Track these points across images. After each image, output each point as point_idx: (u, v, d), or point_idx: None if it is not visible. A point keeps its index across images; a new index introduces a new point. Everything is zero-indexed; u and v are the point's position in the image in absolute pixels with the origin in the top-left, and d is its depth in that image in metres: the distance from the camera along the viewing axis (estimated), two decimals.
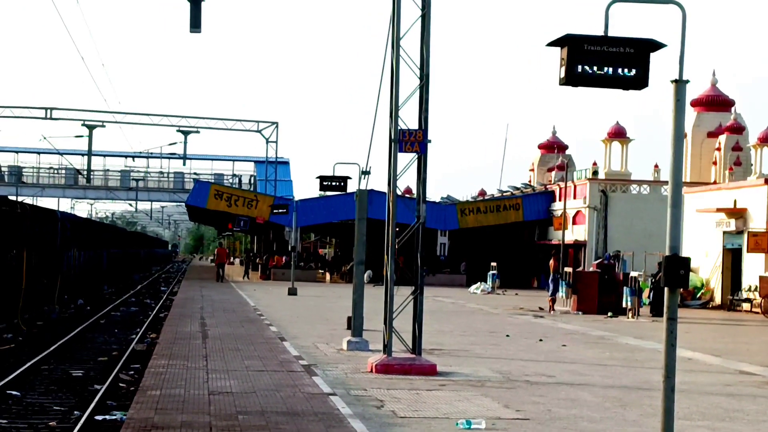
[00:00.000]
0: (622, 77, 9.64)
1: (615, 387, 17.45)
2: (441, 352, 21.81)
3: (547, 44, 9.77)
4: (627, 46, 9.58)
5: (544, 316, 37.07)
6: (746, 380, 19.14)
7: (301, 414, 13.57)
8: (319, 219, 67.89)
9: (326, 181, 32.47)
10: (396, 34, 18.02)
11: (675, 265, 9.84)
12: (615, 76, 9.62)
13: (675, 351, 10.11)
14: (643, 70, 9.64)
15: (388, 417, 13.67)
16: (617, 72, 9.60)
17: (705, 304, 47.26)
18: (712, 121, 67.67)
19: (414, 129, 18.05)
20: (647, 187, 63.17)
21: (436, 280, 63.23)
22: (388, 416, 13.73)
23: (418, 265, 18.32)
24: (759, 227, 44.59)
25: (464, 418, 13.48)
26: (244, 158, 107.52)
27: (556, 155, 75.25)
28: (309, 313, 34.29)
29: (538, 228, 69.70)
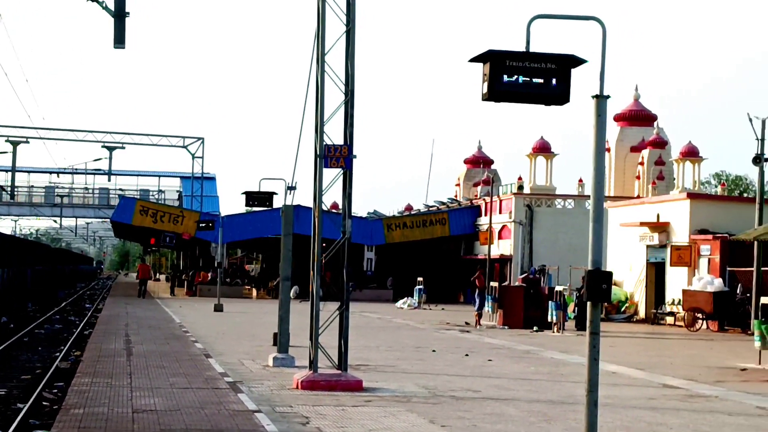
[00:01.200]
0: (544, 93, 9.69)
1: (540, 401, 17.51)
2: (367, 368, 21.75)
3: (470, 60, 9.79)
4: (548, 61, 9.63)
5: (470, 330, 37.17)
6: (670, 394, 19.32)
7: (226, 431, 13.46)
8: (245, 235, 67.60)
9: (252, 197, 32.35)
10: (321, 49, 17.99)
11: (597, 280, 9.89)
12: (537, 92, 9.67)
13: (598, 365, 10.15)
14: (565, 85, 9.70)
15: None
16: (539, 87, 9.65)
17: (629, 317, 47.72)
18: (635, 136, 68.52)
19: (339, 144, 18.02)
20: (572, 201, 63.72)
21: (362, 295, 63.24)
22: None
23: (344, 280, 18.27)
24: (682, 241, 45.13)
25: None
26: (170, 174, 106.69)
27: (481, 170, 75.67)
28: (235, 329, 34.07)
29: (465, 243, 69.99)
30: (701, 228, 44.71)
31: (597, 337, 10.09)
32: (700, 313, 41.27)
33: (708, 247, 43.74)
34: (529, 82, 9.62)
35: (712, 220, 44.89)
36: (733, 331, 40.45)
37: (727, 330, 40.83)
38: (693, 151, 64.79)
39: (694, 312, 41.44)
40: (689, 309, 41.76)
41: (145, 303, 54.29)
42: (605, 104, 9.88)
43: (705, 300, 41.01)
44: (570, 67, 9.70)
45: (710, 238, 43.73)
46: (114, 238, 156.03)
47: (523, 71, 9.62)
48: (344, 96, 18.02)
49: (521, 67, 9.62)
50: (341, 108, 18.06)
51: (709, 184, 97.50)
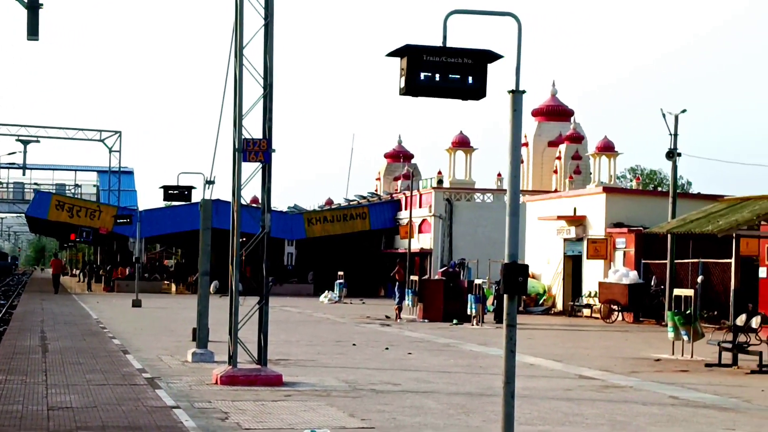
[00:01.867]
0: (461, 88, 9.75)
1: (459, 394, 17.64)
2: (287, 363, 21.73)
3: (387, 54, 9.82)
4: (465, 56, 9.69)
5: (390, 324, 37.28)
6: (586, 384, 19.57)
7: (143, 428, 13.36)
8: (164, 229, 67.11)
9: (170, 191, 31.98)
10: (239, 42, 17.92)
11: (514, 273, 9.99)
12: (454, 87, 9.73)
13: (514, 357, 10.26)
14: (481, 80, 9.77)
15: (233, 429, 13.55)
16: (456, 82, 9.71)
17: (547, 310, 48.22)
18: (553, 131, 69.22)
19: (258, 138, 17.97)
20: (491, 195, 64.17)
21: (283, 290, 63.13)
22: (233, 428, 13.61)
23: (263, 275, 18.23)
24: (598, 234, 45.68)
25: (309, 428, 13.46)
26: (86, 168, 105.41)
27: (401, 164, 75.90)
28: (153, 325, 33.81)
29: (385, 237, 70.17)
30: (617, 221, 45.30)
31: (514, 330, 10.20)
32: (616, 305, 41.84)
33: (623, 240, 44.34)
34: (446, 76, 9.67)
35: (627, 213, 45.51)
36: (647, 322, 41.06)
37: (642, 321, 41.44)
38: (609, 145, 65.58)
39: (610, 304, 42.01)
40: (605, 301, 42.32)
41: (61, 299, 53.64)
42: (521, 99, 9.97)
43: (620, 292, 41.59)
44: (486, 62, 9.77)
45: (625, 232, 44.33)
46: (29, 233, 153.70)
47: (440, 66, 9.67)
48: (263, 90, 17.98)
49: (438, 62, 9.67)
50: (260, 102, 18.02)
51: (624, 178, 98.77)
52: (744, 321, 24.23)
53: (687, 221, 24.83)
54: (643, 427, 14.54)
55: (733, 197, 27.02)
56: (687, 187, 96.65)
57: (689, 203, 41.28)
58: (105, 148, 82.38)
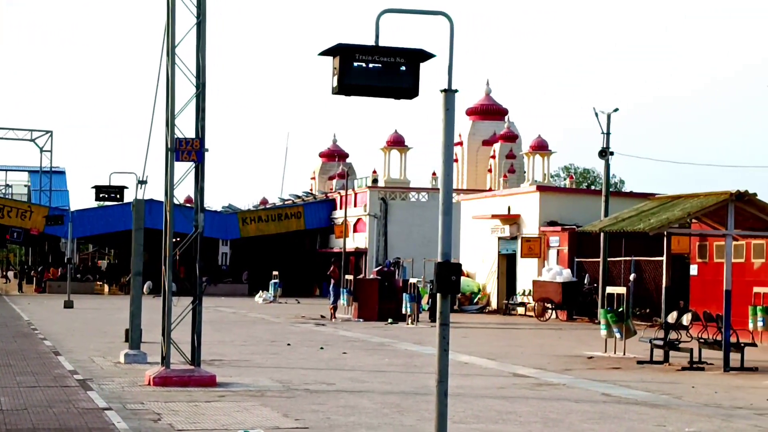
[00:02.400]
0: (394, 87, 9.74)
1: (393, 393, 17.64)
2: (221, 363, 21.61)
3: (320, 53, 9.79)
4: (397, 56, 9.68)
5: (325, 324, 37.23)
6: (519, 383, 19.67)
7: (75, 430, 13.22)
8: (96, 230, 66.49)
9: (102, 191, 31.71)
10: (171, 41, 17.78)
11: (446, 272, 10.00)
12: (386, 86, 9.71)
13: (448, 356, 10.27)
14: (414, 79, 9.77)
15: (165, 430, 13.45)
16: (389, 81, 9.70)
17: (482, 308, 48.44)
18: (487, 130, 69.51)
19: (191, 138, 17.84)
20: (426, 194, 64.31)
21: (218, 290, 62.83)
22: (165, 430, 13.50)
23: (196, 275, 18.11)
24: (532, 233, 45.97)
25: (243, 428, 13.39)
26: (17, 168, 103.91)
27: (336, 163, 75.85)
28: (86, 326, 33.48)
29: (320, 236, 70.09)
30: (550, 220, 45.63)
31: (447, 329, 10.21)
32: (550, 303, 42.15)
33: (557, 239, 44.65)
34: (379, 76, 9.66)
35: (560, 212, 45.84)
36: (581, 320, 41.40)
37: (575, 319, 41.78)
38: (542, 144, 66.00)
39: (544, 302, 42.30)
40: (539, 299, 42.60)
41: None
42: (454, 98, 9.98)
43: (554, 290, 41.88)
44: (419, 62, 9.77)
45: (559, 230, 44.65)
46: None
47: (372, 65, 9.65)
48: (196, 89, 17.86)
49: (371, 61, 9.66)
50: (192, 101, 17.90)
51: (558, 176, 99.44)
52: (675, 318, 24.51)
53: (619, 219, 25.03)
54: (576, 424, 14.64)
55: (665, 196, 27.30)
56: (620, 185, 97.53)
57: (622, 202, 41.63)
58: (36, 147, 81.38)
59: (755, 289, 30.61)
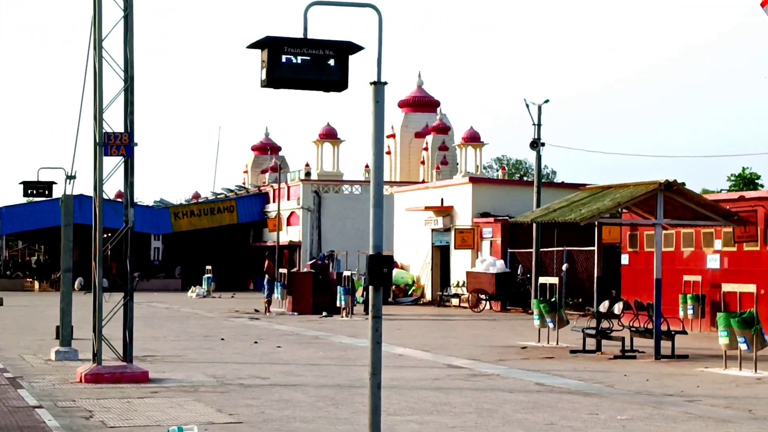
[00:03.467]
0: (323, 80, 9.70)
1: (328, 386, 17.63)
2: (154, 359, 21.45)
3: (248, 46, 9.72)
4: (326, 48, 9.64)
5: (259, 318, 37.12)
6: (454, 374, 19.74)
7: (5, 428, 13.02)
8: (26, 226, 65.75)
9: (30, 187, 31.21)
10: (98, 35, 17.57)
11: (378, 264, 9.99)
12: (316, 79, 9.67)
13: (380, 348, 10.26)
14: (343, 72, 9.74)
15: (98, 428, 13.31)
16: (318, 74, 9.66)
17: (416, 300, 48.57)
18: (420, 122, 69.71)
19: (120, 132, 17.66)
20: (359, 187, 64.34)
21: (150, 285, 62.39)
22: (98, 427, 13.36)
23: (127, 270, 17.95)
24: (465, 224, 46.16)
25: (176, 424, 13.26)
26: None
27: (269, 157, 75.63)
28: (15, 323, 33.06)
29: (253, 230, 69.85)
30: (483, 211, 45.85)
31: (379, 321, 10.20)
32: (484, 294, 42.35)
33: (490, 230, 44.88)
34: (308, 68, 9.62)
35: (493, 203, 46.09)
36: (515, 310, 41.66)
37: (509, 310, 42.03)
38: (475, 136, 66.33)
39: (478, 293, 42.50)
40: (473, 290, 42.79)
41: None
42: (383, 90, 9.96)
43: (488, 281, 42.10)
44: (348, 54, 9.74)
45: (492, 221, 44.88)
46: None
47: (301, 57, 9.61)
48: (124, 83, 17.68)
49: (299, 54, 9.61)
50: (121, 95, 17.72)
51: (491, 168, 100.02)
52: (607, 307, 24.73)
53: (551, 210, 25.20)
54: (510, 414, 14.72)
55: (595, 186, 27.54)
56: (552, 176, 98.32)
57: (554, 192, 41.96)
58: None
59: (685, 278, 31.01)
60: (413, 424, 13.81)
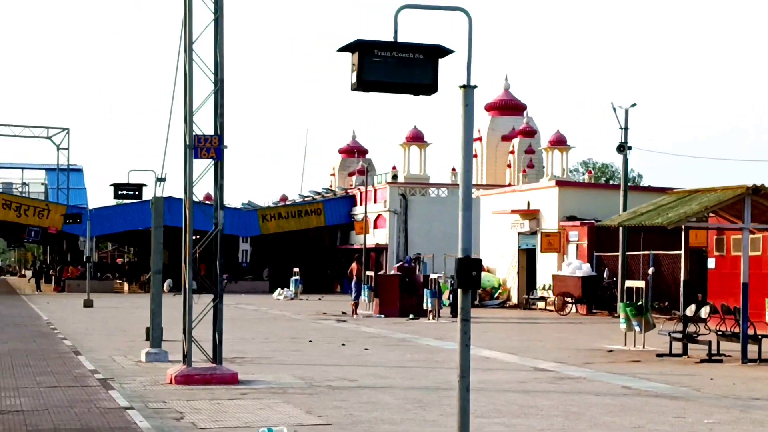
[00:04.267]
0: (413, 83, 9.71)
1: (416, 388, 17.64)
2: (243, 360, 21.63)
3: (338, 49, 9.77)
4: (416, 51, 9.66)
5: (347, 320, 37.25)
6: (541, 376, 19.64)
7: (97, 430, 13.23)
8: (115, 228, 66.64)
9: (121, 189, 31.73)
10: (189, 38, 17.78)
11: (467, 267, 9.97)
12: (405, 82, 9.69)
13: (469, 351, 10.25)
14: (433, 75, 9.74)
15: (188, 429, 13.46)
16: (407, 77, 9.68)
17: (502, 303, 48.40)
18: (506, 125, 69.49)
19: (210, 135, 17.84)
20: (445, 190, 64.30)
21: (238, 287, 62.92)
22: (188, 428, 13.52)
23: (216, 272, 18.12)
24: (551, 228, 45.91)
25: (266, 426, 13.39)
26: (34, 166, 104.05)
27: (356, 159, 75.87)
28: (106, 325, 33.53)
29: (340, 232, 70.11)
30: (570, 215, 45.57)
31: (468, 324, 10.19)
32: (570, 298, 42.09)
33: (576, 234, 44.59)
34: (398, 72, 9.64)
35: (579, 206, 45.78)
36: (600, 314, 41.34)
37: (595, 313, 41.72)
38: (561, 139, 65.94)
39: (564, 296, 42.25)
40: (559, 294, 42.56)
41: (9, 300, 53.13)
42: (473, 94, 9.95)
43: (574, 285, 41.83)
44: (438, 57, 9.75)
45: (578, 225, 44.59)
46: None
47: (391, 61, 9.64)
48: (214, 85, 17.85)
49: (390, 57, 9.64)
50: (211, 97, 17.89)
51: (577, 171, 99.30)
52: (693, 311, 24.44)
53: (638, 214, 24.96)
54: (597, 417, 14.62)
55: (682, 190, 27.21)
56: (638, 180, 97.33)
57: (640, 196, 41.56)
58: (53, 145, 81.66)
59: None
60: (500, 427, 13.77)
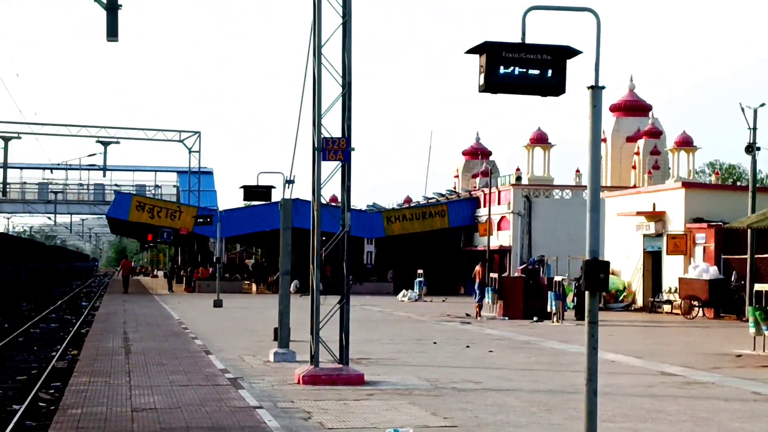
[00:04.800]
0: (540, 84, 9.72)
1: (541, 391, 17.56)
2: (369, 361, 21.78)
3: (466, 51, 9.82)
4: (544, 53, 9.66)
5: (470, 322, 37.23)
6: (667, 381, 19.38)
7: (227, 428, 13.48)
8: (244, 229, 67.57)
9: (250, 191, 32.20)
10: (317, 41, 17.99)
11: (595, 269, 9.93)
12: (533, 83, 9.70)
13: (597, 354, 10.20)
14: (561, 76, 9.74)
15: (316, 428, 13.63)
16: (535, 78, 9.68)
17: (627, 306, 47.81)
18: (631, 126, 68.62)
19: (337, 137, 18.02)
20: (569, 191, 63.80)
21: (363, 288, 63.27)
22: (316, 428, 13.68)
23: (344, 273, 18.29)
24: (677, 230, 45.21)
25: (392, 427, 13.49)
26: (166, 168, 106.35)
27: (480, 161, 75.70)
28: (235, 325, 34.07)
29: (464, 234, 70.04)
30: (696, 216, 44.81)
31: (595, 327, 10.14)
32: (697, 301, 41.38)
33: (703, 236, 43.83)
34: (525, 73, 9.66)
35: (706, 208, 44.98)
36: (728, 317, 40.54)
37: (722, 317, 40.94)
38: (687, 140, 64.84)
39: (691, 300, 41.54)
40: (686, 297, 41.87)
41: (143, 300, 54.29)
42: (601, 95, 9.91)
43: (701, 288, 41.11)
44: (565, 58, 9.74)
45: (705, 227, 43.82)
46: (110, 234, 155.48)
47: (519, 62, 9.66)
48: (341, 88, 18.03)
49: (517, 59, 9.66)
50: (338, 100, 18.07)
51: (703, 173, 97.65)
52: None
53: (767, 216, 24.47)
54: (726, 423, 14.38)
55: None
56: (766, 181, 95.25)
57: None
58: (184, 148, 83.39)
59: None
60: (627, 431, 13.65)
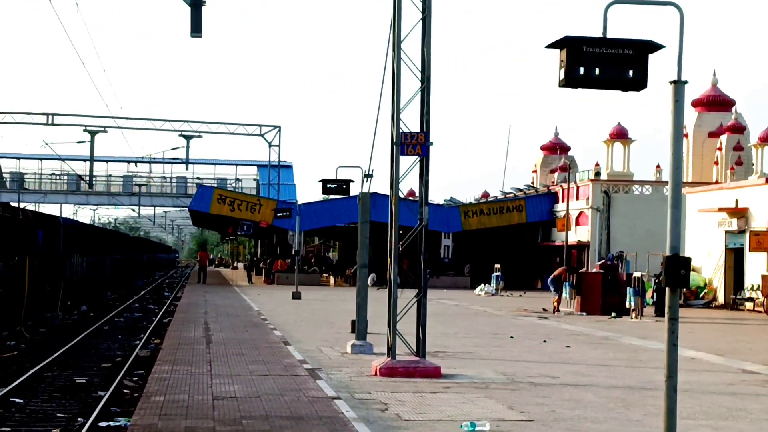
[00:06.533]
0: (622, 79, 9.66)
1: (618, 387, 17.46)
2: (445, 355, 21.82)
3: (546, 46, 9.80)
4: (626, 47, 9.60)
5: (548, 317, 37.07)
6: (749, 379, 19.15)
7: (305, 418, 13.59)
8: (322, 222, 67.92)
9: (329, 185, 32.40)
10: (397, 36, 18.05)
11: (676, 265, 9.86)
12: (614, 78, 9.64)
13: (677, 351, 10.12)
14: (642, 71, 9.67)
15: (393, 420, 13.69)
16: (616, 73, 9.62)
17: (708, 303, 47.26)
18: (713, 121, 67.71)
19: (415, 131, 18.06)
20: (649, 187, 63.19)
21: (439, 282, 63.24)
22: (393, 419, 13.75)
23: (421, 267, 18.33)
24: (761, 226, 44.57)
25: (468, 420, 13.50)
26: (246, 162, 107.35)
27: (558, 156, 75.28)
28: (313, 316, 34.29)
29: (542, 229, 69.71)
30: None
31: (676, 323, 10.06)
32: None
33: None
34: (606, 68, 9.60)
35: None
36: None
37: None
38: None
39: None
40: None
41: (223, 291, 54.84)
42: (683, 90, 9.83)
43: None
44: (647, 53, 9.67)
45: None
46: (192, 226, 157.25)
47: (600, 57, 9.61)
48: (420, 83, 18.06)
49: (598, 53, 9.61)
50: (417, 95, 18.11)
51: None
52: None
53: None
54: None
55: None
56: None
57: None
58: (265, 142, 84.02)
59: None
60: (708, 429, 13.52)
